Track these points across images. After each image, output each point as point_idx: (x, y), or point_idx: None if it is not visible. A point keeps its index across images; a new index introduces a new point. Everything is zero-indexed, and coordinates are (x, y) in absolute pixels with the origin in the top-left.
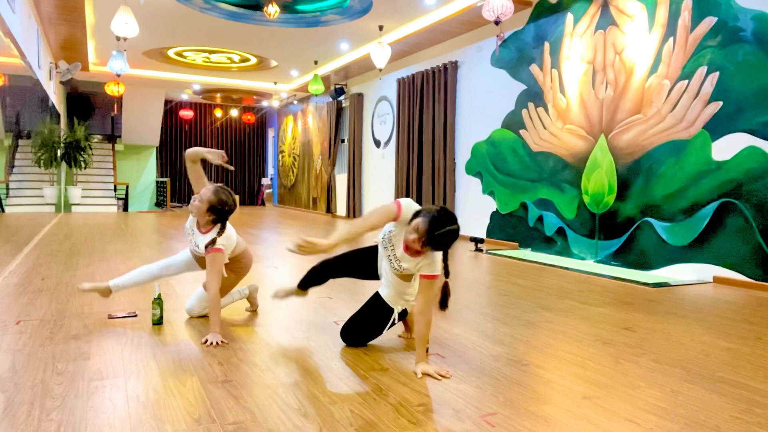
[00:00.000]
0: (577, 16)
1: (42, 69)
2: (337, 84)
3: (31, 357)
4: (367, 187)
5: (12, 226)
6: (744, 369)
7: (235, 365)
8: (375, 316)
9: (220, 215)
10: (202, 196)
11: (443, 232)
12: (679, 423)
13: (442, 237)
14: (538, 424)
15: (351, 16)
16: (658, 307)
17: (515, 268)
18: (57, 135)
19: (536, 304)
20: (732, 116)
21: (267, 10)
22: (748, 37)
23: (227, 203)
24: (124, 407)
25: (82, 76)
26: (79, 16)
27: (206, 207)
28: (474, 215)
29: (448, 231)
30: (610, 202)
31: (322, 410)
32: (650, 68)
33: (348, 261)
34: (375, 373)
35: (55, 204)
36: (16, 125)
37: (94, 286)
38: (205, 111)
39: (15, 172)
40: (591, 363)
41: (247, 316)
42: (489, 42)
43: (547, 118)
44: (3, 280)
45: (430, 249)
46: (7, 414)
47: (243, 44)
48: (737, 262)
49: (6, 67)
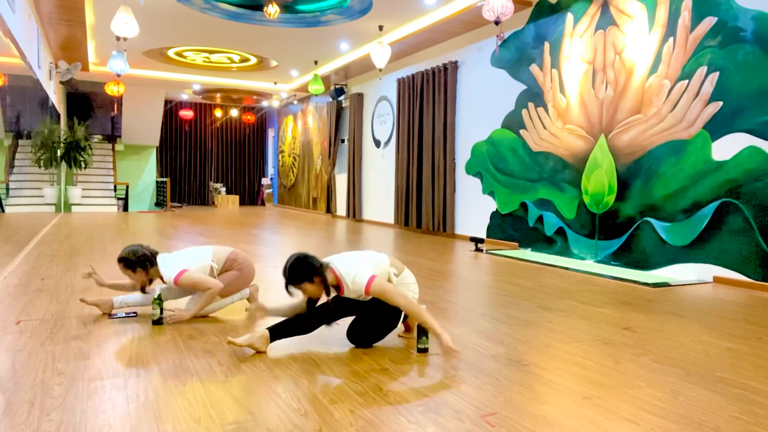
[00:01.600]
0: (577, 16)
1: (42, 69)
2: (337, 84)
3: (31, 357)
4: (367, 187)
5: (12, 226)
6: (744, 369)
7: (235, 365)
8: (384, 318)
9: (135, 264)
10: (123, 279)
11: (287, 270)
12: (679, 423)
13: (288, 271)
14: (538, 424)
15: (351, 16)
16: (658, 307)
17: (515, 268)
18: (57, 135)
19: (536, 304)
20: (732, 116)
21: (267, 10)
22: (748, 37)
23: (127, 251)
24: (124, 407)
25: (82, 76)
26: (79, 16)
27: (124, 272)
28: (474, 215)
29: (289, 266)
30: (610, 202)
31: (322, 410)
32: (650, 68)
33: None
34: (375, 373)
35: (55, 204)
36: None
37: (97, 301)
38: (205, 111)
39: (15, 172)
40: (591, 363)
41: (246, 316)
42: (489, 42)
43: (547, 118)
44: (3, 280)
45: (304, 284)
46: (7, 414)
47: (243, 44)
48: (737, 262)
49: (6, 67)
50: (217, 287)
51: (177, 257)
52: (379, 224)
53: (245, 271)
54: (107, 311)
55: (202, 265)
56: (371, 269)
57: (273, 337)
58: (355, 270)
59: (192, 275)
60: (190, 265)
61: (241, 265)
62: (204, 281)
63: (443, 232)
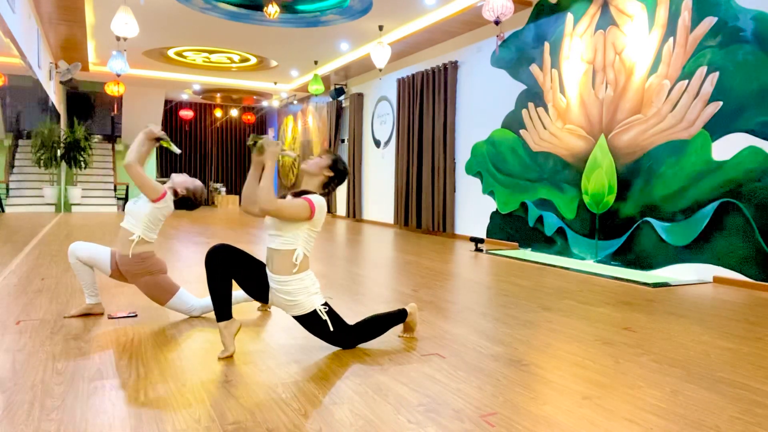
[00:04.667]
0: (577, 16)
1: (42, 69)
2: (337, 84)
3: (31, 357)
4: (367, 187)
5: (12, 226)
6: (744, 369)
7: (235, 365)
8: (323, 329)
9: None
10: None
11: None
12: (679, 423)
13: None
14: (538, 424)
15: (351, 16)
16: (658, 307)
17: (515, 268)
18: (57, 135)
19: (536, 304)
20: (732, 116)
21: (267, 10)
22: (748, 37)
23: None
24: (124, 407)
25: (82, 76)
26: (79, 16)
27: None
28: (474, 215)
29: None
30: (610, 202)
31: (322, 410)
32: (650, 68)
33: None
34: (375, 373)
35: (55, 204)
36: (16, 125)
37: (84, 309)
38: (205, 111)
39: (15, 172)
40: (591, 363)
41: (246, 316)
42: (489, 42)
43: (547, 118)
44: (3, 280)
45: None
46: (7, 414)
47: (243, 44)
48: (737, 262)
49: (6, 67)
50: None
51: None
52: (379, 224)
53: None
54: (100, 311)
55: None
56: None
57: (223, 317)
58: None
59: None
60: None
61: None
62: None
63: (443, 232)
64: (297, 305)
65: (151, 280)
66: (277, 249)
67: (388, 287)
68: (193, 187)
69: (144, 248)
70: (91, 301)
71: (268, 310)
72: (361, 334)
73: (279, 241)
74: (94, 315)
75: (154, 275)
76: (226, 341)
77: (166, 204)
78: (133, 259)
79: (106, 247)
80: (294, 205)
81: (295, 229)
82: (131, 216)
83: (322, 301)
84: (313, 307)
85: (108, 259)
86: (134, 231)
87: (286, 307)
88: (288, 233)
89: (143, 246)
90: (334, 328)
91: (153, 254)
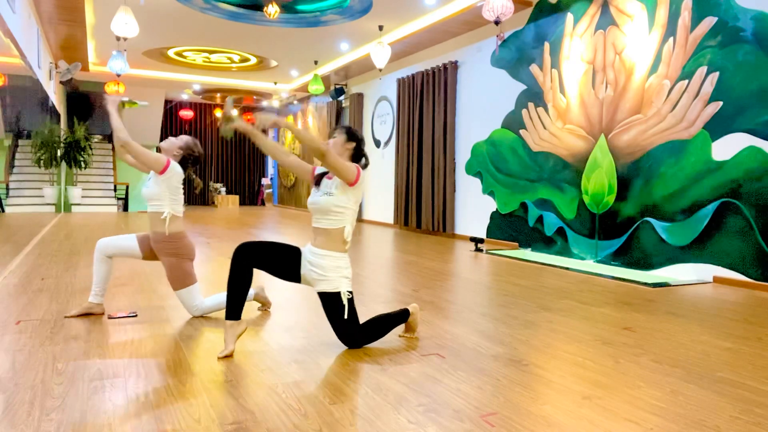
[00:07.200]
0: (577, 16)
1: (42, 69)
2: (337, 84)
3: (31, 357)
4: (367, 187)
5: (12, 226)
6: (744, 369)
7: (235, 365)
8: (342, 319)
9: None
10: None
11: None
12: (679, 423)
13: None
14: (538, 424)
15: (351, 16)
16: (658, 307)
17: (515, 268)
18: (57, 135)
19: (536, 304)
20: (732, 116)
21: (267, 10)
22: (748, 37)
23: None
24: (124, 407)
25: (82, 76)
26: (79, 16)
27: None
28: (474, 215)
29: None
30: (610, 202)
31: (322, 410)
32: (650, 68)
33: (272, 252)
34: (375, 373)
35: (55, 204)
36: (16, 125)
37: (84, 309)
38: (205, 111)
39: (15, 172)
40: (591, 363)
41: (246, 316)
42: (489, 42)
43: (547, 118)
44: (3, 280)
45: (344, 140)
46: (7, 414)
47: (243, 44)
48: (737, 262)
49: (6, 67)
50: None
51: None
52: (379, 224)
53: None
54: (101, 311)
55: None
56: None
57: (233, 317)
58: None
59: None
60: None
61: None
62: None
63: (443, 232)
64: (326, 280)
65: (176, 262)
66: (326, 228)
67: (388, 287)
68: (185, 143)
69: (177, 226)
70: (94, 301)
71: (268, 311)
72: (368, 335)
73: (327, 222)
74: (94, 315)
75: (181, 259)
76: (228, 340)
77: (174, 170)
78: (169, 237)
79: (130, 235)
80: (346, 163)
81: (342, 209)
82: (151, 199)
83: (349, 288)
84: (339, 289)
85: (136, 245)
86: (163, 210)
87: (314, 281)
88: (335, 214)
89: (176, 223)
90: (348, 317)
91: (185, 236)
